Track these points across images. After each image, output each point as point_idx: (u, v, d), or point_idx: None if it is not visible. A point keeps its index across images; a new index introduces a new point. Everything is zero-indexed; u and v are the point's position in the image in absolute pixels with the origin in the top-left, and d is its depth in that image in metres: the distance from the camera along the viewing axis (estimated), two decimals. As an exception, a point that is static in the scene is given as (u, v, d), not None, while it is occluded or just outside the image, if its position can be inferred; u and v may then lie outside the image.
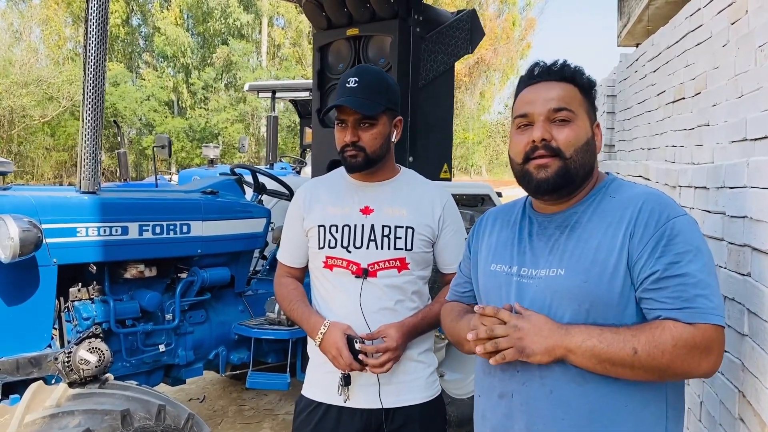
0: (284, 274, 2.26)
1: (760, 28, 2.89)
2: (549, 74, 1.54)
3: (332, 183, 2.19)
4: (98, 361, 2.44)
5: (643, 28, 7.21)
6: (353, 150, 2.03)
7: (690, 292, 1.36)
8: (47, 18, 27.61)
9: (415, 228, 2.08)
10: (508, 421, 1.54)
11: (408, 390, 2.10)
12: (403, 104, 3.99)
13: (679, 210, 1.45)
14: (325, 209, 2.11)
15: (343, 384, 2.04)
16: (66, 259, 2.88)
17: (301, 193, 2.21)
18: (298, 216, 2.17)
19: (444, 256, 2.19)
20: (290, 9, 30.50)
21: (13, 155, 24.42)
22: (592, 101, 1.57)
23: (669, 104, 4.45)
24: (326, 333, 2.01)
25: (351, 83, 2.01)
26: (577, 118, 1.50)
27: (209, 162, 9.49)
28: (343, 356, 1.96)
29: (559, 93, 1.51)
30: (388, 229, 2.06)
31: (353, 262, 2.05)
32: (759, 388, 1.63)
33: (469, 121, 36.11)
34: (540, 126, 1.49)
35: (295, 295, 2.18)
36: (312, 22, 4.40)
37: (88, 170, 2.94)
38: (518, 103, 1.58)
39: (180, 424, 2.47)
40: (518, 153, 1.54)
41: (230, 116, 28.12)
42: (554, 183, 1.49)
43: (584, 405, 1.44)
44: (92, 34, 2.85)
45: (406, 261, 2.08)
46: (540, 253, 1.54)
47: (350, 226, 2.07)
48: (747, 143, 2.71)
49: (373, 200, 2.10)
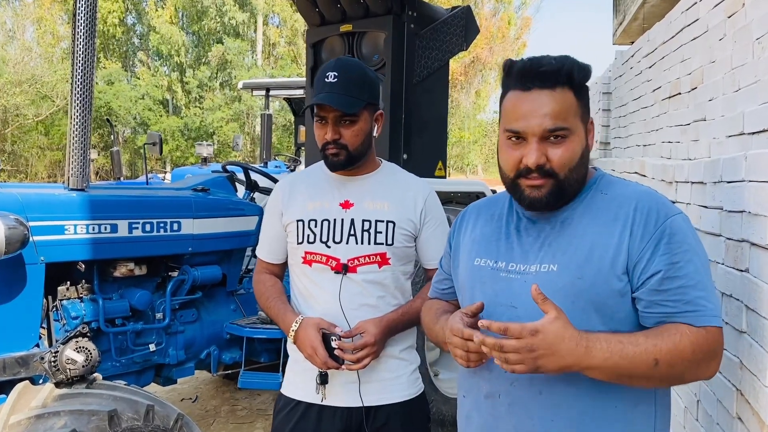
0: (263, 270, 2.21)
1: (758, 20, 2.86)
2: (542, 81, 1.40)
3: (312, 177, 2.14)
4: (85, 361, 2.39)
5: (638, 26, 7.18)
6: (335, 148, 1.97)
7: (691, 294, 1.33)
8: (41, 17, 27.52)
9: (397, 222, 2.04)
10: (495, 423, 1.49)
11: (390, 388, 2.06)
12: (398, 101, 3.97)
13: (674, 208, 1.43)
14: (304, 204, 2.06)
15: (320, 382, 1.99)
16: (54, 257, 2.84)
17: (279, 187, 2.16)
18: (276, 211, 2.12)
19: (426, 251, 2.14)
20: (285, 8, 30.44)
21: (7, 154, 24.35)
22: (587, 101, 1.48)
23: (665, 100, 4.43)
24: (299, 329, 1.96)
25: (330, 78, 1.95)
26: (572, 132, 1.41)
27: (203, 160, 9.44)
28: (318, 354, 1.90)
29: (554, 108, 1.39)
30: (369, 223, 2.02)
31: (333, 258, 2.00)
32: (757, 386, 1.60)
33: (465, 120, 36.11)
34: (534, 150, 1.40)
35: (272, 291, 2.13)
36: (305, 19, 4.37)
37: (76, 167, 2.90)
38: (509, 114, 1.45)
39: (169, 425, 2.43)
40: (510, 168, 1.46)
41: (225, 115, 28.06)
42: (547, 202, 1.44)
43: (575, 406, 1.40)
44: (80, 30, 2.82)
45: (387, 256, 2.03)
46: (530, 248, 1.49)
47: (329, 220, 2.02)
48: (744, 137, 2.69)
49: (353, 194, 2.06)
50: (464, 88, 35.05)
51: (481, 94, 37.47)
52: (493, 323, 1.32)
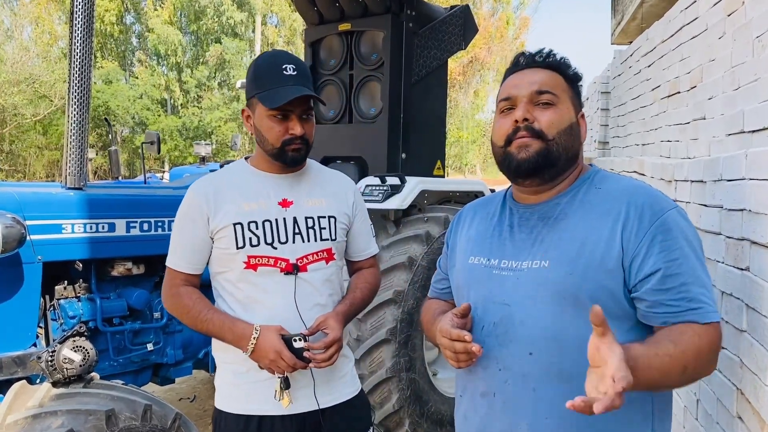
0: (181, 283, 1.98)
1: (758, 18, 2.85)
2: (534, 62, 1.53)
3: (237, 178, 2.00)
4: (82, 360, 2.38)
5: (636, 26, 7.19)
6: (300, 143, 1.90)
7: (694, 291, 1.33)
8: (38, 17, 27.49)
9: (337, 217, 2.01)
10: (491, 421, 1.48)
11: (340, 386, 2.03)
12: (396, 101, 3.96)
13: (669, 202, 1.42)
14: (238, 206, 1.92)
15: (284, 387, 1.89)
16: (51, 256, 2.83)
17: (199, 191, 1.96)
18: (199, 217, 1.92)
19: (356, 244, 2.13)
20: (284, 7, 30.44)
21: (5, 154, 24.32)
22: (578, 92, 1.54)
23: (664, 99, 4.43)
24: (259, 338, 1.83)
25: (288, 71, 1.86)
26: (560, 101, 1.47)
27: (201, 160, 9.44)
28: (285, 358, 1.80)
29: (543, 78, 1.49)
30: (312, 220, 1.97)
31: (281, 259, 1.91)
32: (758, 385, 1.59)
33: (464, 120, 36.14)
34: (522, 107, 1.47)
35: (202, 305, 1.94)
36: (303, 17, 4.36)
37: (73, 166, 2.89)
38: (503, 88, 1.55)
39: (167, 424, 2.42)
40: (500, 137, 1.50)
41: (223, 115, 28.06)
42: (535, 163, 1.44)
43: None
44: (78, 29, 2.81)
45: (333, 251, 2.00)
46: (522, 245, 1.48)
47: (271, 221, 1.92)
48: (744, 135, 2.68)
49: (290, 192, 1.98)
50: (463, 87, 35.06)
51: (480, 94, 37.49)
52: (597, 404, 1.12)
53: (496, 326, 1.45)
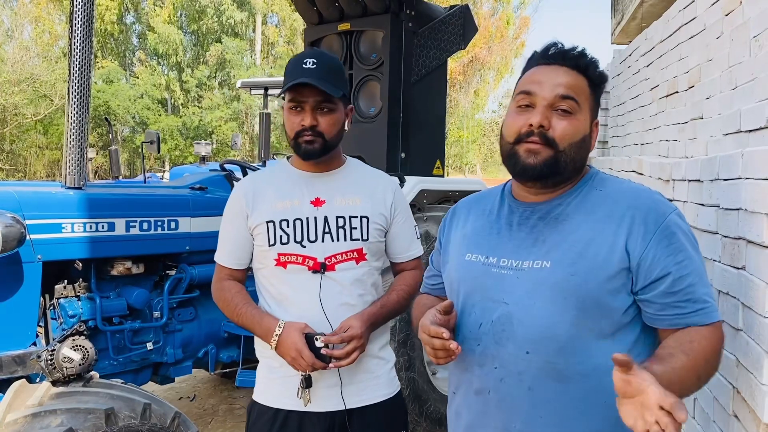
0: (225, 277, 2.07)
1: (755, 18, 2.86)
2: (564, 59, 1.46)
3: (276, 177, 2.06)
4: (82, 359, 2.39)
5: (636, 25, 7.18)
6: (311, 135, 1.90)
7: (699, 291, 1.35)
8: (38, 17, 27.47)
9: (370, 217, 2.00)
10: (484, 419, 1.48)
11: (370, 388, 2.02)
12: (396, 100, 3.97)
13: (669, 204, 1.43)
14: (272, 204, 1.97)
15: (305, 386, 1.91)
16: (51, 255, 2.83)
17: (241, 189, 2.05)
18: (240, 213, 2.01)
19: (395, 245, 2.12)
20: (284, 7, 30.40)
21: (6, 153, 24.30)
22: (599, 97, 1.52)
23: (662, 98, 4.43)
24: (282, 334, 1.86)
25: (309, 64, 1.86)
26: (579, 111, 1.44)
27: (201, 159, 9.43)
28: (304, 356, 1.82)
29: (569, 81, 1.44)
30: (343, 219, 1.97)
31: (309, 257, 1.93)
32: (754, 384, 1.60)
33: (464, 120, 36.05)
34: (541, 111, 1.42)
35: (240, 298, 2.01)
36: (303, 17, 4.37)
37: (73, 165, 2.90)
38: (525, 79, 1.50)
39: (166, 423, 2.42)
40: (512, 133, 1.47)
41: (224, 114, 28.02)
42: (540, 171, 1.43)
43: (564, 402, 1.39)
44: (78, 28, 2.81)
45: (364, 251, 1.99)
46: (522, 244, 1.48)
47: (302, 219, 1.95)
48: (741, 135, 2.69)
49: (323, 191, 2.00)
50: (463, 87, 34.99)
51: (480, 94, 37.40)
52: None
53: (493, 324, 1.45)
